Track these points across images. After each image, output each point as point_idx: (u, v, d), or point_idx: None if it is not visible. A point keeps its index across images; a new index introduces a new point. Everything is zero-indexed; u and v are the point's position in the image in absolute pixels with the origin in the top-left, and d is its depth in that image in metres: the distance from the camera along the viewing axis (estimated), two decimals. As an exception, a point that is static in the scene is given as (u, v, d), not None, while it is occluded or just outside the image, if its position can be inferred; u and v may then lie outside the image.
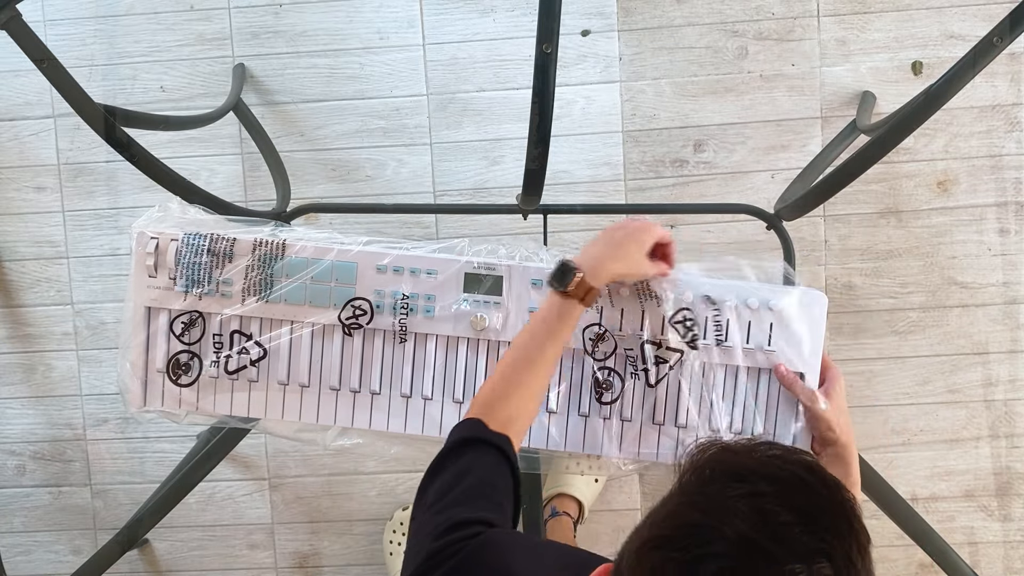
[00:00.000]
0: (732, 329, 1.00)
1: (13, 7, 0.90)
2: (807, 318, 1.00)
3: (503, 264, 1.03)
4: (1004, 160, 1.55)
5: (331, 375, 1.05)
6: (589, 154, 1.59)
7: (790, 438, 1.01)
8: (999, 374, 1.58)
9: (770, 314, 1.00)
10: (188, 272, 1.04)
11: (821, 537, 0.58)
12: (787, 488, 0.61)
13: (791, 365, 1.00)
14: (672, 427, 1.02)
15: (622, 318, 1.02)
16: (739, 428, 1.02)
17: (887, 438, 1.60)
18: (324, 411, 1.06)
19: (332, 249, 1.04)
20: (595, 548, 1.64)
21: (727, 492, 0.61)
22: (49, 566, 1.72)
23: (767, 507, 0.59)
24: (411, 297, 1.03)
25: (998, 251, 1.56)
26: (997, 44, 0.88)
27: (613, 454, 1.03)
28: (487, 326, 1.03)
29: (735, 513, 0.59)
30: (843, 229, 1.58)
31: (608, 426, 1.03)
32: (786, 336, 1.00)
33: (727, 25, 1.56)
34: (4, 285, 1.67)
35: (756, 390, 1.01)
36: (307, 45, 1.60)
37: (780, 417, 1.01)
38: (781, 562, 0.57)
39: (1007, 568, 1.62)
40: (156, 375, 1.07)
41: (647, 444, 1.03)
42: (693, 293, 1.01)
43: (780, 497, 0.60)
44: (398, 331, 1.04)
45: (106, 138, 1.05)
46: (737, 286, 1.01)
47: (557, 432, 1.04)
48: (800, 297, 1.00)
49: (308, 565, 1.69)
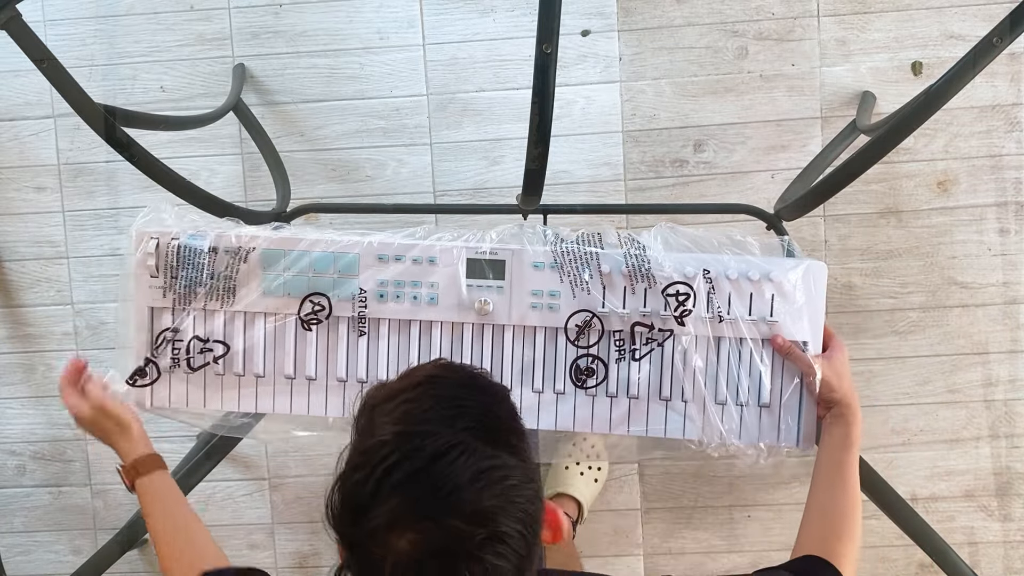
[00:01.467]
0: (734, 301, 1.02)
1: (13, 7, 0.90)
2: (807, 288, 1.02)
3: (506, 248, 1.04)
4: (1004, 160, 1.55)
5: (338, 368, 1.06)
6: (589, 154, 1.59)
7: (796, 404, 1.03)
8: (999, 374, 1.58)
9: (771, 285, 1.02)
10: (190, 271, 1.04)
11: (457, 406, 0.72)
12: (421, 387, 0.74)
13: (793, 335, 1.02)
14: (679, 402, 1.04)
15: (606, 298, 1.03)
16: (745, 399, 1.03)
17: (887, 438, 1.60)
18: (332, 403, 1.07)
19: (332, 242, 1.04)
20: (595, 548, 1.64)
21: (382, 411, 0.73)
22: (49, 566, 1.72)
23: (410, 407, 0.72)
24: (416, 285, 1.04)
25: (998, 251, 1.56)
26: (997, 44, 0.88)
27: (621, 431, 1.05)
28: (491, 310, 1.03)
29: (388, 422, 0.71)
30: (843, 229, 1.58)
31: (617, 403, 1.04)
32: (787, 306, 1.02)
33: (727, 25, 1.56)
34: (4, 285, 1.67)
35: (760, 360, 1.03)
36: (307, 45, 1.60)
37: (785, 384, 1.03)
38: (431, 435, 0.68)
39: (1007, 568, 1.62)
40: (163, 374, 1.07)
41: (655, 420, 1.04)
42: (694, 268, 1.02)
43: (418, 396, 0.73)
44: (358, 320, 1.04)
45: (106, 138, 1.05)
46: (738, 259, 1.03)
47: (565, 412, 1.05)
48: (800, 268, 1.03)
49: (308, 565, 1.69)
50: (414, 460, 0.66)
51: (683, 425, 1.04)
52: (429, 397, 0.73)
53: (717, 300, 1.02)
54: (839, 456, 0.97)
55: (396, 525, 0.65)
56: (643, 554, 1.65)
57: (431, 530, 0.65)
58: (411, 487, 0.66)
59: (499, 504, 0.66)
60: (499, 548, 0.65)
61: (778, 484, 1.61)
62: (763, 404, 1.03)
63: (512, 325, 1.04)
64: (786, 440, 1.04)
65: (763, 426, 1.04)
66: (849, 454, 0.97)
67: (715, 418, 1.02)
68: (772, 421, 1.03)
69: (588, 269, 1.02)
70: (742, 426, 1.04)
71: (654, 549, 1.65)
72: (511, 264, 1.03)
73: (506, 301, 1.03)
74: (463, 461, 0.67)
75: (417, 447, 0.67)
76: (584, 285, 1.02)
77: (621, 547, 1.65)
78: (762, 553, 1.63)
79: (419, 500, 0.65)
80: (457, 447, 0.67)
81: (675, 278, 1.01)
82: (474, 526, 0.65)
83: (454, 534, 0.64)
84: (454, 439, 0.68)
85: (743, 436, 1.04)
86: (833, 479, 0.96)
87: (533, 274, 1.03)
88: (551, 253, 1.02)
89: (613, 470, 1.62)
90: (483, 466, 0.67)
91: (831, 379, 1.00)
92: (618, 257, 1.02)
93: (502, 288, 1.03)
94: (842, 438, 0.98)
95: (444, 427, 0.69)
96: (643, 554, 1.65)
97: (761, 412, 1.03)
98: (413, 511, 0.65)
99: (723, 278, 1.01)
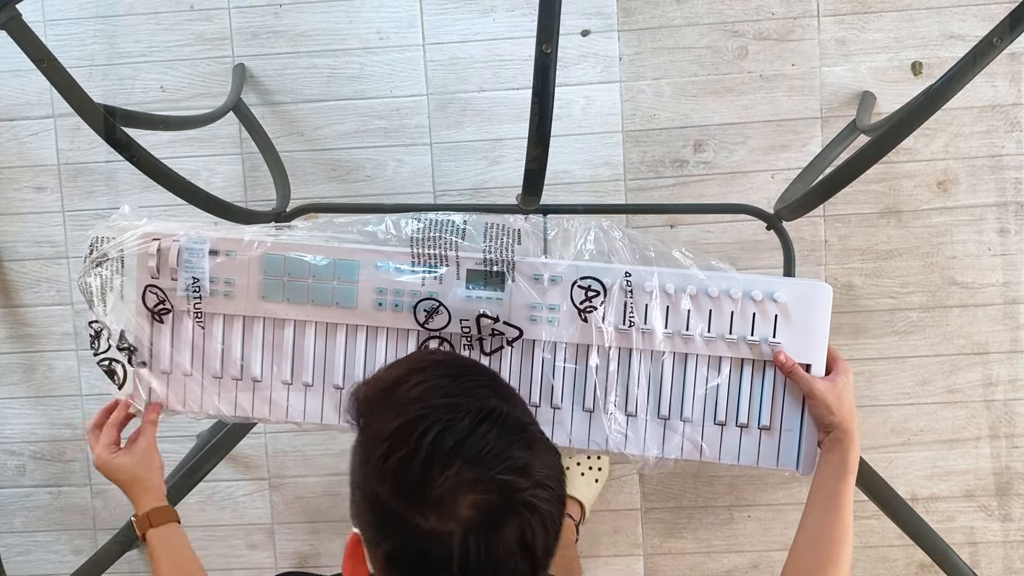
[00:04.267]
0: (736, 321, 1.01)
1: (13, 7, 0.90)
2: (811, 309, 1.01)
3: (506, 259, 1.03)
4: (1004, 160, 1.55)
5: (336, 373, 1.06)
6: (589, 154, 1.59)
7: (797, 427, 1.02)
8: (999, 374, 1.58)
9: (774, 306, 1.00)
10: (190, 273, 1.04)
11: (470, 378, 0.75)
12: (428, 369, 0.76)
13: (797, 356, 1.00)
14: (678, 421, 1.03)
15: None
16: (744, 420, 1.02)
17: (887, 438, 1.60)
18: (328, 410, 1.07)
19: (332, 247, 1.04)
20: (595, 548, 1.64)
21: (392, 399, 0.73)
22: (49, 566, 1.72)
23: (429, 385, 0.74)
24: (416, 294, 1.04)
25: (998, 251, 1.56)
26: (997, 44, 0.88)
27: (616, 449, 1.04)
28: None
29: (414, 401, 0.72)
30: (843, 229, 1.58)
31: (611, 419, 1.03)
32: (791, 328, 1.00)
33: (727, 25, 1.56)
34: (4, 285, 1.67)
35: (762, 382, 1.02)
36: (307, 45, 1.60)
37: (787, 408, 1.02)
38: (460, 405, 0.71)
39: (1007, 568, 1.62)
40: (161, 375, 1.07)
41: (654, 440, 1.03)
42: (697, 287, 1.01)
43: (430, 376, 0.75)
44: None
45: (106, 138, 1.05)
46: (744, 278, 1.01)
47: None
48: (804, 288, 1.01)
49: (308, 565, 1.69)
50: (458, 426, 0.69)
51: (681, 445, 1.03)
52: (443, 376, 0.75)
53: (719, 320, 1.00)
54: (832, 485, 0.95)
55: (461, 488, 0.67)
56: (643, 554, 1.65)
57: (490, 488, 0.68)
58: (465, 450, 0.68)
59: (532, 457, 0.71)
60: (544, 494, 0.70)
61: (778, 484, 1.61)
62: (763, 427, 1.02)
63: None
64: (785, 463, 1.02)
65: (762, 448, 1.02)
66: (843, 483, 0.94)
67: (611, 427, 1.02)
68: (772, 443, 1.02)
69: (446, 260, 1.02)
70: (740, 449, 1.03)
71: (654, 549, 1.65)
72: (511, 275, 1.03)
73: (506, 311, 1.03)
74: (500, 422, 0.71)
75: (454, 416, 0.70)
76: (438, 275, 1.02)
77: (621, 547, 1.65)
78: (762, 553, 1.63)
79: (475, 461, 0.68)
80: (491, 411, 0.71)
81: (579, 276, 1.00)
82: (520, 477, 0.69)
83: (509, 488, 0.68)
84: (486, 404, 0.72)
85: (742, 458, 1.02)
86: (825, 507, 0.94)
87: (531, 286, 1.02)
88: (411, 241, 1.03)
89: (613, 470, 1.62)
90: (514, 425, 0.72)
91: (831, 401, 0.97)
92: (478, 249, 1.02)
93: (501, 300, 1.03)
94: (837, 466, 0.95)
95: (470, 399, 0.73)
96: (643, 554, 1.65)
97: (761, 434, 1.02)
98: (475, 472, 0.68)
99: (729, 297, 1.00)
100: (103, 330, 1.06)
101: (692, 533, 1.64)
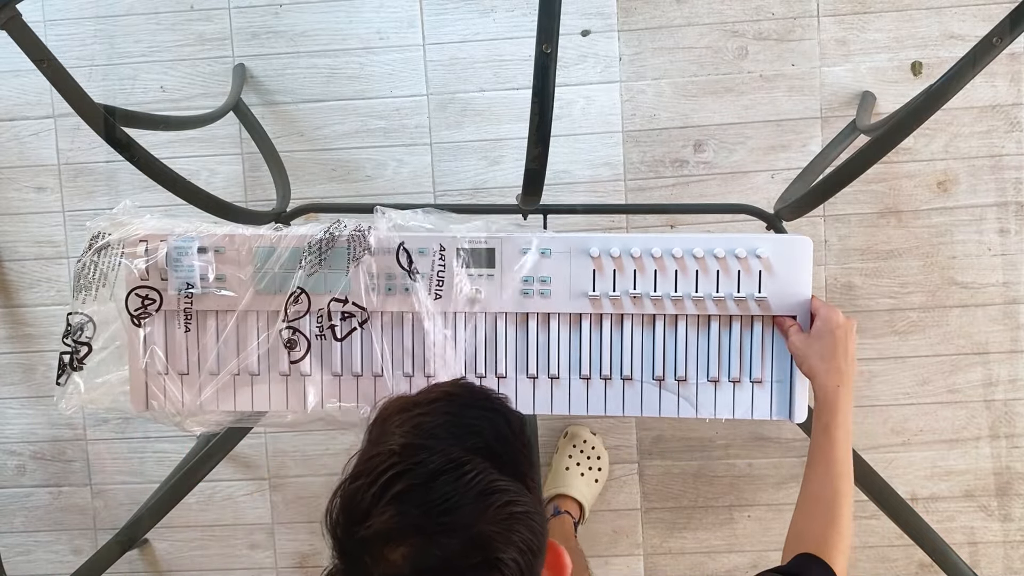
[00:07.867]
0: (722, 279, 1.04)
1: (13, 7, 0.90)
2: (793, 263, 1.04)
3: (494, 236, 1.04)
4: (1004, 160, 1.55)
5: (334, 362, 1.06)
6: (589, 154, 1.59)
7: (787, 377, 1.04)
8: (999, 374, 1.58)
9: (758, 261, 1.03)
10: (180, 272, 1.04)
11: (469, 424, 0.70)
12: (437, 402, 0.72)
13: (782, 310, 1.03)
14: (672, 381, 1.05)
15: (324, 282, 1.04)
16: (736, 375, 1.04)
17: (887, 438, 1.60)
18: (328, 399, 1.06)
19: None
20: (595, 548, 1.64)
21: (395, 422, 0.71)
22: (49, 566, 1.72)
23: (422, 419, 0.70)
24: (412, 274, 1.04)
25: (998, 251, 1.56)
26: (997, 44, 0.88)
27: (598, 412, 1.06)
28: (482, 298, 1.04)
29: (399, 433, 0.69)
30: (843, 229, 1.58)
31: (630, 384, 1.05)
32: (775, 281, 1.03)
33: (727, 25, 1.56)
34: (4, 285, 1.67)
35: (751, 337, 1.04)
36: (307, 45, 1.60)
37: (776, 360, 1.05)
38: (438, 450, 0.67)
39: (1007, 568, 1.62)
40: (156, 377, 1.07)
41: (649, 402, 1.05)
42: (683, 249, 1.03)
43: (432, 411, 0.71)
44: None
45: (106, 138, 1.05)
46: (725, 237, 1.04)
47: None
48: (785, 243, 1.04)
49: (308, 565, 1.69)
50: (417, 472, 0.65)
51: (677, 404, 1.05)
52: (443, 413, 0.71)
53: (706, 279, 1.03)
54: (818, 440, 0.96)
55: (390, 537, 0.63)
56: (643, 554, 1.65)
57: (424, 547, 0.63)
58: (410, 500, 0.64)
59: (499, 530, 0.64)
60: (475, 558, 0.63)
61: (778, 484, 1.61)
62: (755, 380, 1.05)
63: (504, 312, 1.05)
64: (779, 413, 1.05)
65: (756, 402, 1.05)
66: (825, 437, 0.94)
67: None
68: (764, 395, 1.05)
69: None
70: (734, 404, 1.05)
71: (654, 549, 1.65)
72: (500, 251, 1.04)
73: (497, 288, 1.04)
74: (467, 480, 0.65)
75: (421, 460, 0.66)
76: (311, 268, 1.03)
77: (621, 547, 1.65)
78: (762, 553, 1.63)
79: (416, 514, 0.63)
80: (463, 465, 0.66)
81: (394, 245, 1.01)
82: (470, 549, 0.63)
83: (448, 555, 0.63)
84: (461, 457, 0.66)
85: (737, 412, 1.05)
86: (815, 464, 0.95)
87: (521, 258, 1.04)
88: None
89: (613, 470, 1.62)
90: (488, 488, 0.65)
91: (802, 357, 0.98)
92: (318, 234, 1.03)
93: (492, 276, 1.04)
94: (816, 420, 0.97)
95: (453, 444, 0.68)
96: (643, 554, 1.65)
97: (753, 388, 1.05)
98: (409, 525, 0.63)
99: (714, 256, 1.02)
100: (87, 323, 1.06)
101: (692, 533, 1.64)
